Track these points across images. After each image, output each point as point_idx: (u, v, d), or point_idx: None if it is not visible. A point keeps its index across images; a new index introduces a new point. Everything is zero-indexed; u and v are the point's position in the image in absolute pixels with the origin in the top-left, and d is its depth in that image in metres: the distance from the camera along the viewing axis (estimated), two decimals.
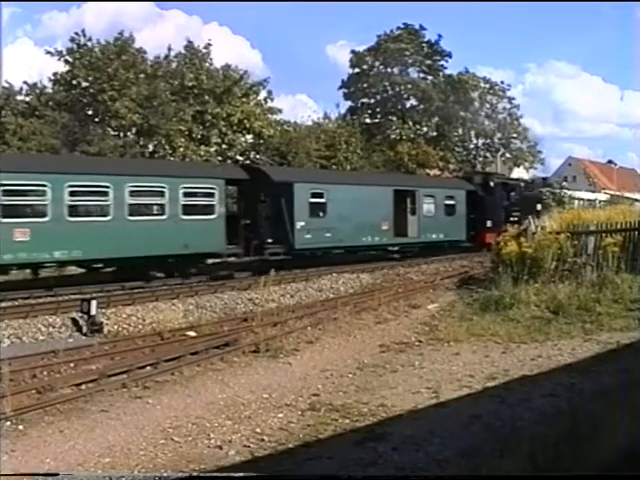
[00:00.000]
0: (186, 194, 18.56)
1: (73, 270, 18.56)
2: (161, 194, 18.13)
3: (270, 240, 20.64)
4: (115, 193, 17.05)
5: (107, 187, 16.99)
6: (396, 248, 25.88)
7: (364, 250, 24.54)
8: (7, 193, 15.30)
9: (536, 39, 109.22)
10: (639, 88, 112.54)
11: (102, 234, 16.60)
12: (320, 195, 22.21)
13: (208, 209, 19.04)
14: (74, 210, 16.56)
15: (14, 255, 15.29)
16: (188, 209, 18.51)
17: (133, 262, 17.27)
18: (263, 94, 37.93)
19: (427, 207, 27.01)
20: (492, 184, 30.15)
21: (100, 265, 17.75)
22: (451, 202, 27.92)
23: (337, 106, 48.12)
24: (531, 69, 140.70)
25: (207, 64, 35.60)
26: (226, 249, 19.51)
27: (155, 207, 18.49)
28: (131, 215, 17.39)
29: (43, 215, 15.95)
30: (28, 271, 17.16)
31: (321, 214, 22.17)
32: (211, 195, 19.12)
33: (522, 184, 33.46)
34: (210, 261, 19.62)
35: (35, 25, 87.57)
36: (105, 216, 17.04)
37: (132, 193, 17.47)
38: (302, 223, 21.30)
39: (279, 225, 20.95)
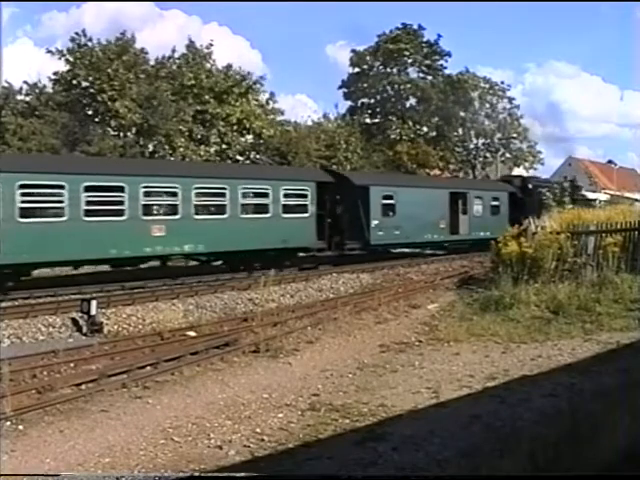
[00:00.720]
0: (286, 195, 21.19)
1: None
2: (266, 195, 20.85)
3: (348, 236, 23.07)
4: (231, 194, 19.69)
5: (224, 189, 19.73)
6: (448, 244, 28.28)
7: (425, 246, 27.30)
8: (146, 195, 18.01)
9: (535, 39, 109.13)
10: (639, 88, 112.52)
11: (221, 230, 19.19)
12: (390, 197, 24.75)
13: (303, 208, 21.59)
14: (199, 209, 19.26)
15: (152, 248, 18.02)
16: (287, 208, 21.13)
17: (242, 255, 19.61)
18: (265, 95, 38.05)
19: (476, 207, 29.32)
20: (530, 186, 32.30)
21: (214, 258, 20.32)
22: (496, 203, 30.10)
23: (336, 106, 48.18)
24: (530, 69, 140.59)
25: (209, 64, 35.65)
26: (315, 244, 22.06)
27: (261, 206, 21.00)
28: (243, 213, 20.07)
29: (175, 213, 18.68)
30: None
31: (391, 214, 24.69)
32: (305, 196, 21.70)
33: (555, 185, 35.02)
34: (300, 254, 22.30)
35: (35, 25, 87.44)
36: (222, 214, 19.69)
37: (244, 195, 20.23)
38: (376, 222, 23.77)
39: (356, 223, 23.22)
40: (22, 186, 15.48)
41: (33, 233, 15.50)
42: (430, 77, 50.77)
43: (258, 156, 36.54)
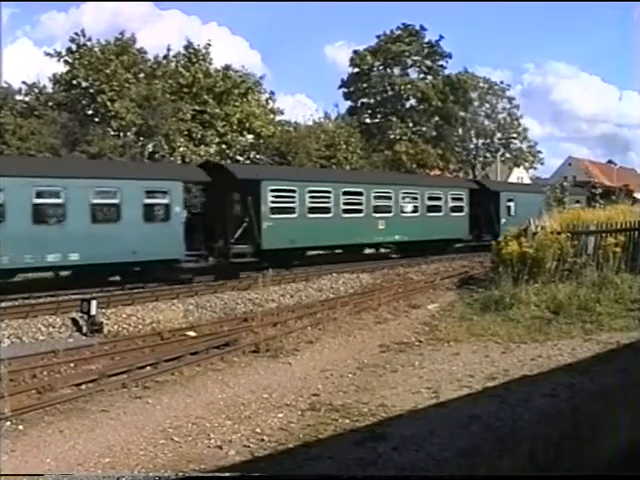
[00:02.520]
0: (452, 199, 28.19)
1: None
2: (440, 199, 27.61)
3: (485, 230, 29.18)
4: (421, 198, 26.69)
5: (417, 194, 26.63)
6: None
7: None
8: (375, 198, 24.91)
9: (534, 39, 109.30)
10: (638, 88, 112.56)
11: (416, 225, 25.74)
12: (512, 200, 30.75)
13: (460, 209, 28.42)
14: (403, 209, 26.19)
15: (377, 237, 25.03)
16: (452, 209, 28.04)
17: (426, 244, 24.31)
18: (265, 95, 38.09)
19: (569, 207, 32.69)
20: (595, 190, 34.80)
21: (410, 245, 25.90)
22: (579, 205, 31.83)
23: (336, 105, 48.23)
24: (530, 69, 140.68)
25: (207, 64, 35.66)
26: (467, 236, 28.85)
27: (437, 207, 27.48)
28: (429, 212, 26.77)
29: (389, 212, 25.45)
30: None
31: (512, 213, 29.73)
32: (462, 199, 28.64)
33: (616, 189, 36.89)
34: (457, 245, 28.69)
35: (34, 25, 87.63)
36: (416, 213, 26.43)
37: (429, 198, 27.08)
38: (504, 220, 28.80)
39: (489, 221, 29.57)
40: (310, 191, 22.67)
41: (313, 225, 22.19)
42: (430, 77, 50.79)
43: (258, 156, 36.55)
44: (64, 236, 16.34)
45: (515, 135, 53.29)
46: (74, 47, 32.00)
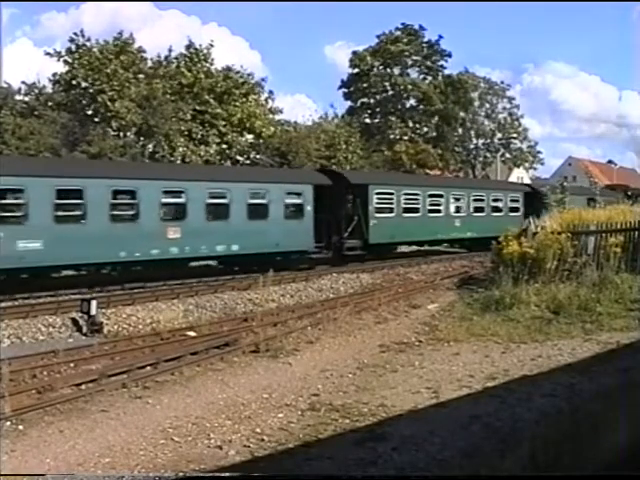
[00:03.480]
0: (511, 200, 30.29)
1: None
2: (501, 200, 29.96)
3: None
4: (487, 200, 29.17)
5: (483, 197, 29.26)
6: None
7: None
8: (454, 200, 27.83)
9: (534, 39, 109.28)
10: (637, 88, 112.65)
11: (481, 223, 27.37)
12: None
13: (517, 210, 30.16)
14: (475, 209, 28.67)
15: (454, 234, 27.61)
16: (511, 209, 30.01)
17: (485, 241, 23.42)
18: (264, 94, 38.12)
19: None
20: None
21: (475, 242, 26.78)
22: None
23: (332, 105, 48.42)
24: (529, 69, 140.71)
25: (208, 64, 35.67)
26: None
27: (497, 208, 29.69)
28: (492, 212, 29.06)
29: (462, 212, 28.27)
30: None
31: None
32: (518, 201, 30.69)
33: None
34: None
35: (34, 26, 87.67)
36: (482, 212, 28.79)
37: (493, 200, 29.49)
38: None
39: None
40: (405, 194, 25.64)
41: (407, 223, 24.86)
42: (430, 77, 50.80)
43: (258, 156, 36.56)
44: (228, 231, 19.79)
45: (515, 135, 53.31)
46: (73, 47, 32.00)
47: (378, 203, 24.67)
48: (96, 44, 32.14)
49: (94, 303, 13.70)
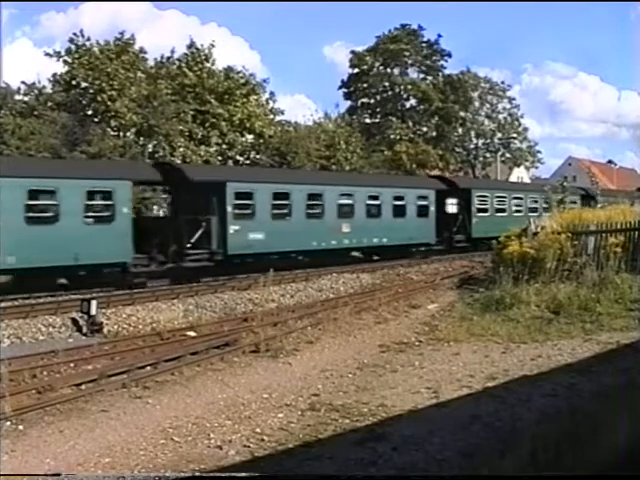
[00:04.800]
0: (571, 202, 29.21)
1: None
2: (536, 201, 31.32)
3: None
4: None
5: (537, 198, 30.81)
6: None
7: None
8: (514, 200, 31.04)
9: (532, 39, 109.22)
10: (636, 88, 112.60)
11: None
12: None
13: (538, 210, 30.16)
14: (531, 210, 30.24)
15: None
16: (532, 210, 30.64)
17: None
18: (266, 95, 38.14)
19: None
20: None
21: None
22: None
23: (337, 106, 48.18)
24: (528, 69, 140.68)
25: (209, 64, 35.67)
26: None
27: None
28: (532, 213, 29.14)
29: (526, 211, 30.05)
30: None
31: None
32: (576, 203, 30.50)
33: None
34: None
35: (33, 26, 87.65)
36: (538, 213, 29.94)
37: (535, 202, 30.93)
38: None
39: None
40: (496, 196, 30.02)
41: (497, 220, 26.77)
42: (430, 77, 50.78)
43: (258, 156, 36.56)
44: (381, 226, 24.31)
45: (515, 135, 53.28)
46: (73, 47, 31.97)
47: (478, 204, 29.38)
48: (96, 44, 32.12)
49: (94, 303, 13.71)
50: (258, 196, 20.55)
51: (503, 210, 30.20)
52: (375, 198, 24.59)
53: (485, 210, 29.78)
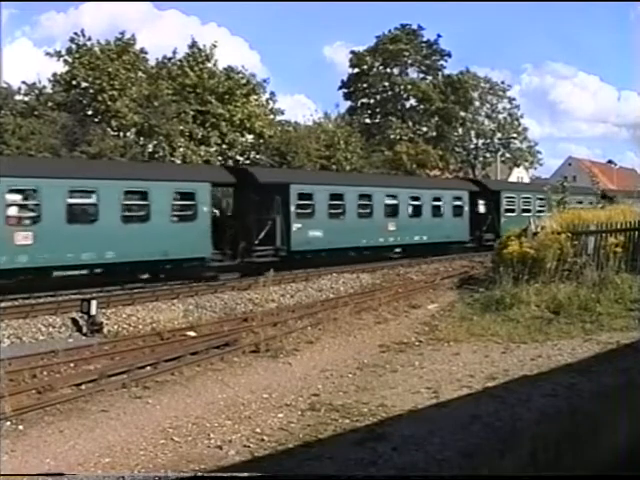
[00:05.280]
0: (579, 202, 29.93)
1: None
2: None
3: None
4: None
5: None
6: None
7: None
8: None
9: (532, 39, 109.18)
10: (636, 88, 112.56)
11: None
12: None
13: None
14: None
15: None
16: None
17: None
18: (266, 95, 38.16)
19: None
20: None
21: None
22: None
23: (337, 106, 48.13)
24: (527, 69, 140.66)
25: (211, 64, 35.67)
26: None
27: None
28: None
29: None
30: None
31: None
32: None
33: None
34: None
35: (33, 26, 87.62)
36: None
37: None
38: None
39: None
40: (523, 197, 31.32)
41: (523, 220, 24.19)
42: (430, 77, 50.78)
43: (258, 156, 36.56)
44: (422, 225, 26.05)
45: (515, 135, 53.28)
46: (74, 47, 31.98)
47: (507, 205, 30.61)
48: (97, 44, 32.13)
49: (94, 303, 13.70)
50: (317, 197, 22.45)
51: (528, 210, 30.53)
52: (417, 199, 26.50)
53: (512, 210, 30.79)
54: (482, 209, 30.61)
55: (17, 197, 16.25)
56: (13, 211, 16.13)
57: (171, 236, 18.00)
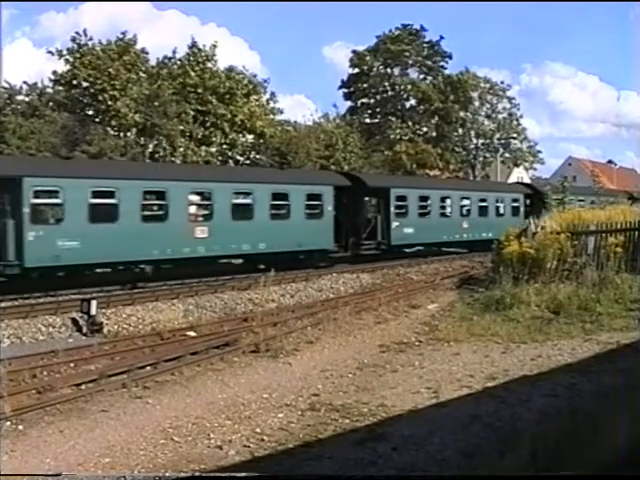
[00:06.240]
0: (591, 202, 31.41)
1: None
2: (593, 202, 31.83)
3: None
4: None
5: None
6: None
7: None
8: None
9: (531, 39, 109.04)
10: (636, 88, 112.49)
11: None
12: None
13: None
14: None
15: None
16: None
17: None
18: (266, 95, 38.14)
19: None
20: None
21: None
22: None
23: (335, 106, 48.09)
24: (527, 69, 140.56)
25: (211, 64, 35.66)
26: None
27: None
28: None
29: None
30: None
31: None
32: (594, 203, 32.00)
33: None
34: None
35: (33, 26, 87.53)
36: None
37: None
38: None
39: None
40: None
41: None
42: (430, 77, 50.76)
43: (258, 156, 36.54)
44: (489, 223, 27.81)
45: (515, 135, 53.25)
46: (75, 47, 31.97)
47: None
48: (98, 44, 32.13)
49: (94, 303, 13.70)
50: (410, 199, 26.26)
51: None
52: (484, 200, 29.78)
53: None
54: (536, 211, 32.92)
55: (196, 198, 19.75)
56: (193, 210, 19.61)
57: (305, 231, 21.69)
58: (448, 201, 28.42)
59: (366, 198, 25.55)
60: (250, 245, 20.15)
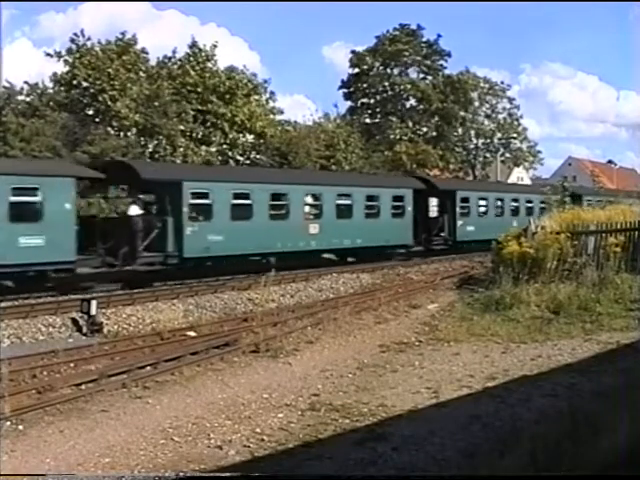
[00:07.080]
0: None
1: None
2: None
3: None
4: None
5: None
6: None
7: None
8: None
9: (531, 40, 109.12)
10: (635, 88, 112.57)
11: None
12: None
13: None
14: None
15: None
16: None
17: None
18: (266, 95, 38.14)
19: None
20: None
21: None
22: None
23: (335, 106, 48.08)
24: (526, 70, 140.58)
25: (211, 64, 35.66)
26: None
27: None
28: None
29: None
30: None
31: None
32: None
33: None
34: None
35: (33, 26, 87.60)
36: None
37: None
38: None
39: None
40: (587, 200, 31.59)
41: None
42: (430, 77, 50.74)
43: (258, 156, 36.54)
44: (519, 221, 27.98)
45: (515, 135, 53.26)
46: (74, 47, 31.97)
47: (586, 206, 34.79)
48: (98, 44, 32.12)
49: (94, 303, 13.69)
50: (472, 200, 29.31)
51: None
52: (530, 202, 31.64)
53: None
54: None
55: (310, 199, 23.02)
56: (307, 209, 22.89)
57: (391, 228, 24.64)
58: (504, 202, 31.23)
59: (435, 199, 28.67)
60: (350, 240, 23.15)
